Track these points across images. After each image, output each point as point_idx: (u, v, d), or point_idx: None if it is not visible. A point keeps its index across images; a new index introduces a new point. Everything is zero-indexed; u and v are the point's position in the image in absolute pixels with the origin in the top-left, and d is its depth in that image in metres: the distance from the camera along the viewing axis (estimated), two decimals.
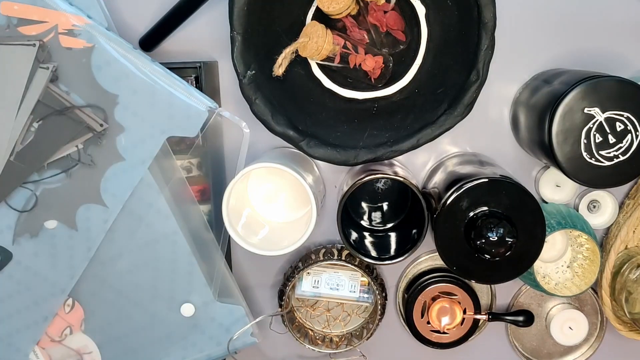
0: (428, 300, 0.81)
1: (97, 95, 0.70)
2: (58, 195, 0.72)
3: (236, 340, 0.77)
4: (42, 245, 0.74)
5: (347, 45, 0.73)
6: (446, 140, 0.81)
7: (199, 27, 0.78)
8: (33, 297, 0.75)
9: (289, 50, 0.71)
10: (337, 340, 0.83)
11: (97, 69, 0.70)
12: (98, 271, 0.75)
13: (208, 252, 0.76)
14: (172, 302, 0.76)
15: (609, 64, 0.78)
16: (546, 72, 0.78)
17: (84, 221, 0.73)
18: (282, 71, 0.71)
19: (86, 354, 0.78)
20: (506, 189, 0.69)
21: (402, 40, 0.76)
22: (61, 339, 0.77)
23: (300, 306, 0.83)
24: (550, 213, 0.78)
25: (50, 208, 0.73)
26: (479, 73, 0.71)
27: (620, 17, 0.78)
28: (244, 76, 0.72)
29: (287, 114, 0.73)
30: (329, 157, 0.73)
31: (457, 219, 0.69)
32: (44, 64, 0.70)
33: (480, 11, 0.69)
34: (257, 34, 0.72)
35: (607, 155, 0.68)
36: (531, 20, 0.78)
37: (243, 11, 0.70)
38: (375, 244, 0.79)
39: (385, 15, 0.74)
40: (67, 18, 0.69)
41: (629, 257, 0.80)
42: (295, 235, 0.74)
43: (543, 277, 0.81)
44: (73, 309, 0.76)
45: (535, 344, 0.86)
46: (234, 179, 0.72)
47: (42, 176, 0.72)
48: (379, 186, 0.82)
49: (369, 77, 0.75)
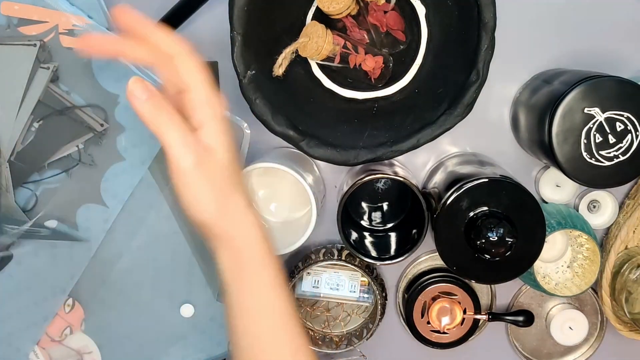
0: (428, 300, 0.81)
1: (98, 95, 0.70)
2: (58, 195, 0.73)
3: None
4: (42, 245, 0.74)
5: (347, 45, 0.73)
6: (446, 140, 0.81)
7: (199, 27, 0.78)
8: (33, 297, 0.75)
9: (289, 50, 0.71)
10: (337, 340, 0.83)
11: (98, 68, 0.70)
12: (98, 271, 0.75)
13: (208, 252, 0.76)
14: (172, 302, 0.76)
15: (609, 64, 0.78)
16: (546, 72, 0.78)
17: (84, 221, 0.73)
18: (282, 71, 0.71)
19: (86, 354, 0.78)
20: (506, 189, 0.69)
21: (402, 40, 0.76)
22: (61, 339, 0.77)
23: (300, 306, 0.83)
24: (550, 213, 0.78)
25: (51, 208, 0.73)
26: (479, 73, 0.71)
27: (620, 17, 0.78)
28: (244, 76, 0.72)
29: (287, 114, 0.73)
30: (329, 157, 0.73)
31: (457, 219, 0.69)
32: (45, 64, 0.70)
33: (480, 11, 0.69)
34: (257, 34, 0.72)
35: (607, 155, 0.68)
36: (531, 20, 0.78)
37: (243, 11, 0.70)
38: (375, 244, 0.79)
39: (385, 15, 0.74)
40: (67, 18, 0.69)
41: (629, 257, 0.80)
42: (295, 235, 0.74)
43: (543, 277, 0.81)
44: (73, 309, 0.76)
45: (535, 344, 0.86)
46: None
47: (43, 176, 0.72)
48: (379, 186, 0.82)
49: (369, 77, 0.75)
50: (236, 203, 0.58)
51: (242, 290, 0.59)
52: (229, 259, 0.58)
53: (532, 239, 0.69)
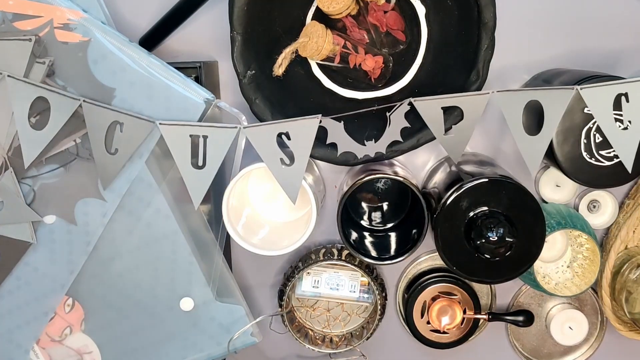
0: (428, 300, 0.81)
1: (94, 89, 0.70)
2: (56, 190, 0.72)
3: (236, 340, 0.77)
4: (41, 241, 0.74)
5: (347, 45, 0.73)
6: None
7: (199, 27, 0.78)
8: (33, 293, 0.75)
9: (289, 50, 0.71)
10: (337, 340, 0.83)
11: (94, 62, 0.70)
12: (98, 271, 0.75)
13: (208, 252, 0.76)
14: (172, 300, 0.76)
15: (609, 64, 0.78)
16: (546, 72, 0.78)
17: (83, 216, 0.73)
18: (282, 71, 0.71)
19: (86, 354, 0.78)
20: (506, 189, 0.69)
21: (402, 40, 0.76)
22: (61, 339, 0.77)
23: (300, 306, 0.83)
24: (550, 213, 0.78)
25: (49, 203, 0.73)
26: (479, 73, 0.71)
27: (620, 17, 0.78)
28: (244, 76, 0.72)
29: (287, 114, 0.73)
30: (329, 157, 0.73)
31: (457, 219, 0.69)
32: (40, 58, 0.70)
33: (480, 11, 0.69)
34: (257, 34, 0.72)
35: (607, 155, 0.68)
36: (531, 20, 0.78)
37: (243, 11, 0.70)
38: (375, 244, 0.79)
39: (385, 15, 0.74)
40: (62, 12, 0.69)
41: (629, 257, 0.80)
42: (295, 235, 0.74)
43: (543, 277, 0.81)
44: (73, 309, 0.76)
45: (535, 344, 0.86)
46: (234, 178, 0.72)
47: (40, 171, 0.72)
48: (379, 186, 0.82)
49: (369, 77, 0.75)
50: None
51: None
52: None
53: (532, 239, 0.69)
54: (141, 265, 0.75)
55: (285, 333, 0.82)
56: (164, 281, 0.75)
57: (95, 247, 0.74)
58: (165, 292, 0.76)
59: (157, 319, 0.76)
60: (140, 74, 0.69)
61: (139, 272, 0.75)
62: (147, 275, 0.75)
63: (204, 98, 0.70)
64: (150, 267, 0.75)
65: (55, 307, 0.76)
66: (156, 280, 0.75)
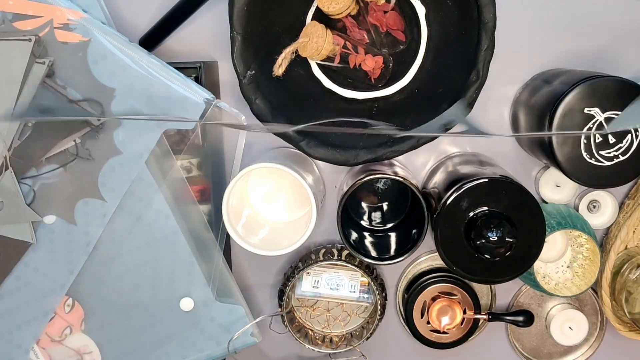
0: (428, 300, 0.81)
1: (94, 89, 0.70)
2: (56, 190, 0.72)
3: (236, 340, 0.77)
4: (40, 241, 0.74)
5: (347, 45, 0.73)
6: (446, 140, 0.81)
7: (199, 27, 0.78)
8: (33, 293, 0.75)
9: (289, 50, 0.71)
10: (337, 340, 0.83)
11: (94, 62, 0.70)
12: (98, 271, 0.75)
13: (208, 252, 0.76)
14: (172, 300, 0.76)
15: (609, 64, 0.78)
16: (546, 72, 0.78)
17: (83, 216, 0.73)
18: (282, 71, 0.71)
19: (86, 354, 0.78)
20: (506, 189, 0.69)
21: (402, 40, 0.76)
22: (61, 339, 0.77)
23: (300, 306, 0.83)
24: (550, 213, 0.78)
25: (49, 203, 0.73)
26: (479, 73, 0.71)
27: (620, 17, 0.78)
28: (244, 76, 0.72)
29: (287, 114, 0.73)
30: (329, 157, 0.73)
31: (457, 219, 0.69)
32: (40, 58, 0.70)
33: (480, 11, 0.69)
34: (257, 34, 0.72)
35: (607, 155, 0.68)
36: (531, 20, 0.78)
37: (243, 11, 0.70)
38: (375, 244, 0.79)
39: (385, 15, 0.74)
40: (62, 12, 0.69)
41: (629, 257, 0.80)
42: (295, 235, 0.74)
43: (543, 277, 0.81)
44: (73, 309, 0.76)
45: (535, 344, 0.86)
46: (234, 178, 0.72)
47: (40, 171, 0.72)
48: (379, 186, 0.82)
49: (369, 77, 0.75)
50: None
51: None
52: None
53: (532, 239, 0.69)
54: (141, 265, 0.75)
55: (285, 333, 0.82)
56: (164, 281, 0.75)
57: (95, 247, 0.74)
58: (165, 292, 0.76)
59: (157, 319, 0.76)
60: (140, 74, 0.69)
61: (139, 272, 0.75)
62: (147, 276, 0.75)
63: (204, 98, 0.70)
64: (150, 267, 0.75)
65: (55, 307, 0.76)
66: (156, 281, 0.75)
